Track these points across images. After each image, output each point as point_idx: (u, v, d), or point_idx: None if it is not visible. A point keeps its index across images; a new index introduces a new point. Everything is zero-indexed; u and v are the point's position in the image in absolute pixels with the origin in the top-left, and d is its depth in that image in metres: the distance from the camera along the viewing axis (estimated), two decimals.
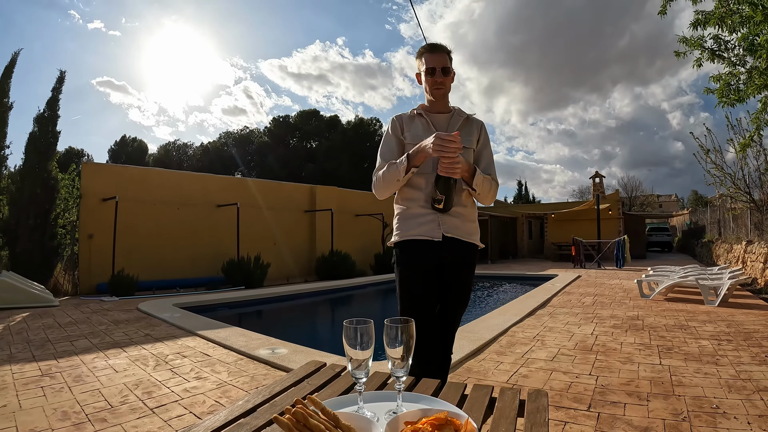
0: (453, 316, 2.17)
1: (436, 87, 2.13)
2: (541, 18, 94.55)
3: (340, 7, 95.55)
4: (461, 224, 2.13)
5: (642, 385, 3.20)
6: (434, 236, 2.05)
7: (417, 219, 2.09)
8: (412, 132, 2.14)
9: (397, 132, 2.18)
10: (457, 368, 3.76)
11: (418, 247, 2.07)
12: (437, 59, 2.10)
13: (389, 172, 2.03)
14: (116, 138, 46.35)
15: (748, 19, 5.82)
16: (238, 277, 11.13)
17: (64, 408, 2.87)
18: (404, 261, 2.12)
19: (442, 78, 2.11)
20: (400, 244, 2.13)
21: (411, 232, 2.08)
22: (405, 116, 2.22)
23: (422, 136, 2.08)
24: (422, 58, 2.14)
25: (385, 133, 2.22)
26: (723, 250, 14.02)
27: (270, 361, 4.00)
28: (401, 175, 2.00)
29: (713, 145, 12.46)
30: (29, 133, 10.41)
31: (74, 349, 4.56)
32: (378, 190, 2.12)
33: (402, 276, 2.12)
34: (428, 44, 2.14)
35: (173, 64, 77.25)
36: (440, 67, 2.10)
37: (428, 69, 2.11)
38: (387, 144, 2.18)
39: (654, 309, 6.57)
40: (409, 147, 2.11)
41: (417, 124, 2.17)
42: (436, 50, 2.12)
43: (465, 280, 2.17)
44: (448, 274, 2.12)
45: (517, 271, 15.06)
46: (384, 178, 2.06)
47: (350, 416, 0.93)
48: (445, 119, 2.20)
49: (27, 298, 7.70)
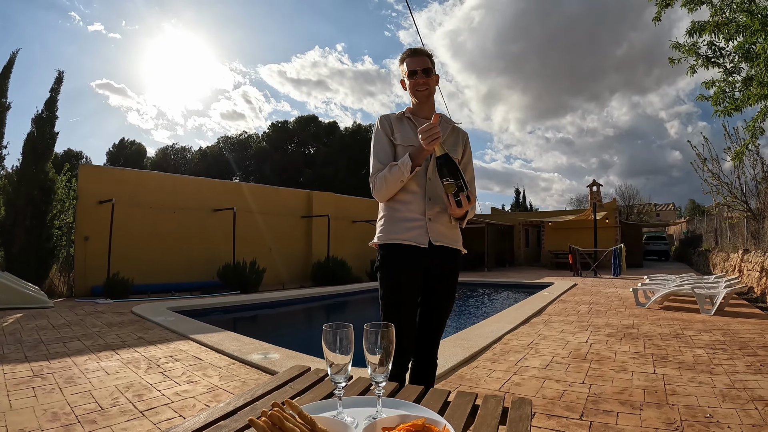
0: (438, 322, 2.16)
1: (418, 88, 2.13)
2: (539, 26, 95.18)
3: (339, 13, 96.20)
4: (447, 231, 2.13)
5: (635, 393, 3.18)
6: (421, 243, 2.05)
7: (404, 223, 2.07)
8: (403, 134, 2.14)
9: (386, 131, 2.17)
10: (450, 375, 3.74)
11: (403, 252, 2.06)
12: (418, 62, 2.12)
13: (392, 174, 2.01)
14: (114, 141, 46.50)
15: (744, 28, 5.85)
16: (233, 282, 11.10)
17: (55, 409, 2.85)
18: (389, 265, 2.10)
19: (425, 79, 2.12)
20: (385, 247, 2.12)
21: (397, 236, 2.07)
22: (393, 117, 2.21)
23: (413, 139, 2.09)
24: (404, 63, 2.16)
25: (376, 132, 2.20)
26: (719, 259, 14.02)
27: (262, 366, 3.97)
28: (406, 175, 1.99)
29: (710, 154, 12.50)
30: (27, 134, 10.41)
31: (67, 350, 4.53)
32: (379, 192, 2.10)
33: (385, 280, 2.10)
34: (409, 49, 2.17)
35: (172, 67, 77.77)
36: (421, 69, 2.11)
37: (410, 72, 2.12)
38: (380, 143, 2.16)
39: (649, 318, 6.56)
40: (400, 149, 2.11)
41: (406, 127, 2.17)
42: (417, 54, 2.14)
43: (450, 286, 2.17)
44: (433, 280, 2.11)
45: (514, 279, 15.04)
46: (387, 180, 2.04)
47: (327, 420, 0.92)
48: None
49: (21, 299, 7.66)
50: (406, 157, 1.99)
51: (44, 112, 10.64)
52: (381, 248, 2.14)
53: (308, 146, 43.14)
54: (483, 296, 12.35)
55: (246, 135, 46.63)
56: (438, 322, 2.16)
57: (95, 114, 77.62)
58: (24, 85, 41.80)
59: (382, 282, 2.12)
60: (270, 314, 9.59)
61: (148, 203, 11.25)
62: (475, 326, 5.78)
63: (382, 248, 2.13)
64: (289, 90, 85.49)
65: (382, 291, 2.11)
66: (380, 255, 2.14)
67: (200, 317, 6.97)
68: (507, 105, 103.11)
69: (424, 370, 2.15)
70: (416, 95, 2.16)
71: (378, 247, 2.17)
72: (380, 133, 2.17)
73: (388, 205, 2.13)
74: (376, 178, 2.09)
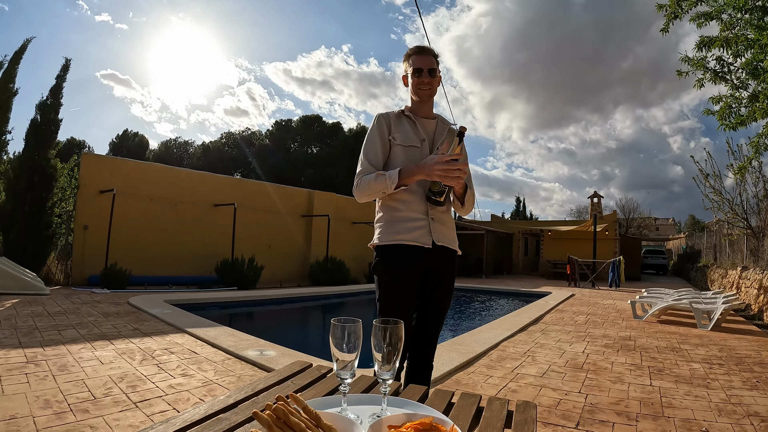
0: (437, 322, 2.14)
1: (422, 87, 2.10)
2: (546, 36, 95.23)
3: (347, 14, 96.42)
4: (447, 231, 2.12)
5: (631, 405, 3.17)
6: (425, 243, 2.02)
7: (406, 223, 2.04)
8: (402, 133, 2.11)
9: (383, 131, 2.12)
10: (446, 380, 3.73)
11: (406, 252, 2.02)
12: (424, 60, 2.08)
13: (377, 183, 1.98)
14: (117, 131, 46.58)
15: (753, 43, 5.85)
16: (230, 278, 11.07)
17: (47, 396, 2.83)
18: (389, 265, 2.05)
19: (429, 79, 2.09)
20: (386, 248, 2.07)
21: (400, 236, 2.03)
22: (392, 115, 2.17)
23: (413, 138, 2.08)
24: (409, 60, 2.12)
25: (370, 132, 2.14)
26: (718, 275, 14.02)
27: (258, 363, 3.95)
28: (389, 190, 1.96)
29: (713, 170, 12.50)
30: (31, 119, 10.39)
31: (61, 338, 4.51)
32: (360, 194, 2.07)
33: (384, 281, 2.06)
34: (416, 46, 2.12)
35: (178, 61, 77.49)
36: (427, 68, 2.08)
37: (415, 69, 2.08)
38: (372, 144, 2.11)
39: (646, 330, 6.54)
40: (399, 149, 2.08)
41: (405, 125, 2.14)
42: (424, 52, 2.11)
43: (449, 286, 2.14)
44: (433, 280, 2.09)
45: (511, 287, 15.02)
46: (369, 187, 2.01)
47: (332, 416, 0.91)
48: (431, 125, 2.18)
49: (18, 285, 7.64)
50: (395, 172, 1.95)
51: (49, 98, 10.62)
52: (381, 249, 2.09)
53: (311, 146, 43.11)
54: (480, 303, 12.33)
55: (249, 132, 46.59)
56: (436, 323, 2.14)
57: (99, 104, 77.60)
58: (29, 71, 41.76)
59: (381, 283, 2.07)
60: (267, 312, 9.57)
61: (149, 195, 11.23)
62: (472, 332, 5.77)
63: (383, 249, 2.08)
64: (293, 89, 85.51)
65: (380, 292, 2.07)
66: (379, 255, 2.09)
67: (197, 311, 6.94)
68: (511, 113, 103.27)
69: (420, 371, 2.11)
70: (419, 94, 2.13)
71: (376, 248, 2.12)
72: (375, 133, 2.12)
73: (387, 204, 2.10)
74: (362, 179, 2.05)
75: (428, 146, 2.12)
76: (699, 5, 6.22)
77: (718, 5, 6.07)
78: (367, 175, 2.04)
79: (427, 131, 2.15)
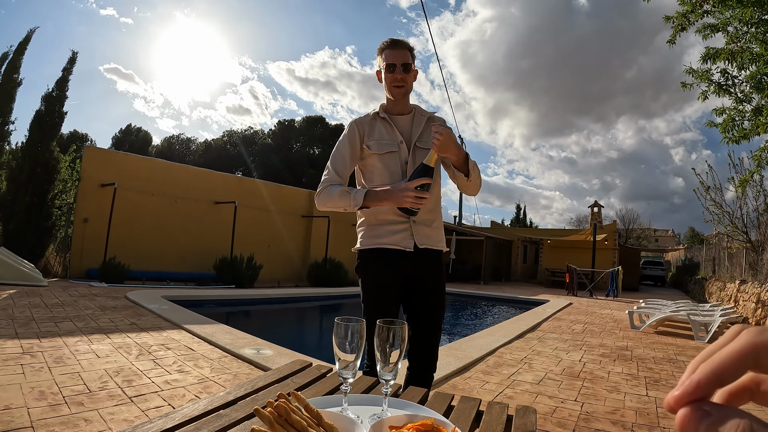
0: (430, 329, 2.06)
1: (395, 84, 1.98)
2: (551, 45, 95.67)
3: (351, 16, 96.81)
4: (432, 232, 2.06)
5: (627, 414, 3.16)
6: (406, 246, 1.98)
7: (387, 227, 1.99)
8: (376, 138, 2.03)
9: (355, 140, 2.03)
10: (442, 384, 3.72)
11: (388, 256, 1.98)
12: (398, 55, 1.96)
13: (341, 200, 1.92)
14: (119, 125, 46.69)
15: (758, 57, 5.86)
16: (229, 276, 11.06)
17: (42, 388, 2.82)
18: (369, 269, 2.03)
19: (403, 75, 1.96)
20: (367, 252, 2.03)
21: (381, 240, 1.99)
22: (365, 120, 2.07)
23: (388, 143, 2.01)
24: (382, 54, 1.99)
25: (341, 140, 2.06)
26: (716, 287, 14.01)
27: (254, 361, 3.95)
28: (350, 210, 1.92)
29: (714, 182, 12.52)
30: (35, 110, 10.41)
31: (58, 330, 4.50)
32: (322, 204, 2.00)
33: (367, 284, 2.04)
34: (389, 39, 1.99)
35: (182, 57, 77.89)
36: (401, 64, 1.95)
37: (388, 65, 1.96)
38: (340, 152, 2.03)
39: (644, 341, 6.53)
40: (374, 158, 2.02)
41: (380, 129, 2.05)
42: (398, 46, 1.98)
43: (437, 289, 2.08)
44: (422, 283, 2.05)
45: (509, 294, 15.00)
46: (332, 200, 1.94)
47: (334, 415, 0.90)
48: (407, 121, 2.08)
49: (16, 275, 7.64)
50: (361, 195, 1.88)
51: (54, 90, 10.66)
52: (362, 253, 2.06)
53: (313, 147, 43.14)
54: (478, 309, 12.32)
55: (252, 130, 46.63)
56: (430, 328, 2.07)
57: (102, 98, 77.84)
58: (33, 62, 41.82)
59: (363, 285, 2.06)
60: (264, 311, 9.57)
61: (150, 190, 11.23)
62: (469, 337, 5.77)
63: (364, 253, 2.05)
64: (296, 89, 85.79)
65: (363, 294, 2.06)
66: (361, 259, 2.07)
67: (194, 308, 6.94)
68: (513, 120, 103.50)
69: (423, 375, 2.06)
70: (392, 92, 2.01)
71: (358, 252, 2.08)
72: (346, 142, 2.04)
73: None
74: (326, 188, 1.98)
75: (406, 147, 2.04)
76: (705, 17, 6.23)
77: (724, 18, 6.08)
78: (333, 186, 1.97)
79: (404, 130, 2.06)
